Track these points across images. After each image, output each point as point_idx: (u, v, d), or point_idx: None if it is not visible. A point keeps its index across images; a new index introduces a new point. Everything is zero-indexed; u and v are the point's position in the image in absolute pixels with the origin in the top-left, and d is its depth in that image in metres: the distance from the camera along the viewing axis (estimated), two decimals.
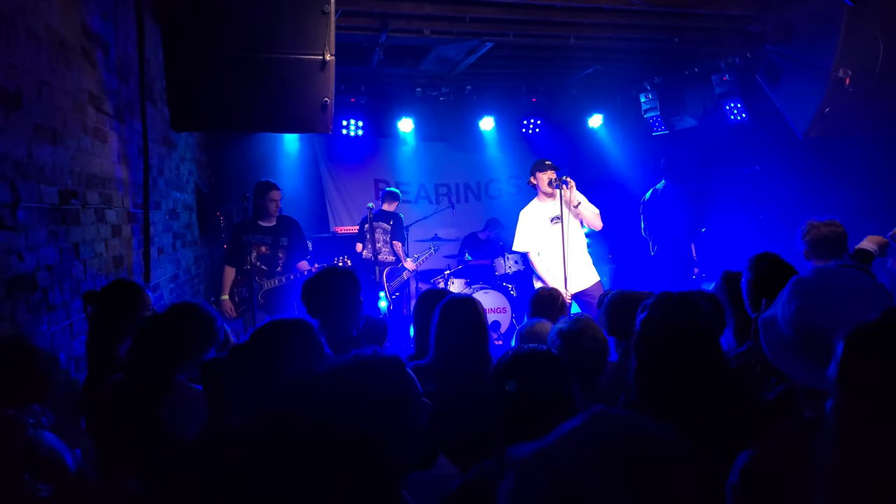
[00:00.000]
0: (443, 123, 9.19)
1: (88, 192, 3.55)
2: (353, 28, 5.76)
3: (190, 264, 6.17)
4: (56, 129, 3.10)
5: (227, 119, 4.23)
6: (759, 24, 5.66)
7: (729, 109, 7.02)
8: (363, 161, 9.30)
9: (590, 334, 2.56)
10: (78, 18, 3.47)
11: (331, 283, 2.73)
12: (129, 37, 4.43)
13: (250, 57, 3.88)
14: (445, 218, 8.75)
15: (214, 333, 2.52)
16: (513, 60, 7.55)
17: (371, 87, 8.38)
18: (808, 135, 5.08)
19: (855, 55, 4.64)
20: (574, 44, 6.44)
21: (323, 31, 3.91)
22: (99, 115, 3.76)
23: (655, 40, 6.54)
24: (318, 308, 2.86)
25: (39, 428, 1.62)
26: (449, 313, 2.59)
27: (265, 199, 5.71)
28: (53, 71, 3.09)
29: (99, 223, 3.72)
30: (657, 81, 7.96)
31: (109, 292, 2.88)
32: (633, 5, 5.32)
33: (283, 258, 5.75)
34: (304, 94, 4.07)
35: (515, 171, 9.85)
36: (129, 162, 4.37)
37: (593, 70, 7.90)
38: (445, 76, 8.02)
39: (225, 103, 4.04)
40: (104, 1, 3.91)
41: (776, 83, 5.30)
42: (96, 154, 3.70)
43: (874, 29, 4.51)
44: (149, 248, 4.53)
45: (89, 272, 3.51)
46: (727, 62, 6.75)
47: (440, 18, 5.78)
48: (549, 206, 5.62)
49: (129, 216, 4.35)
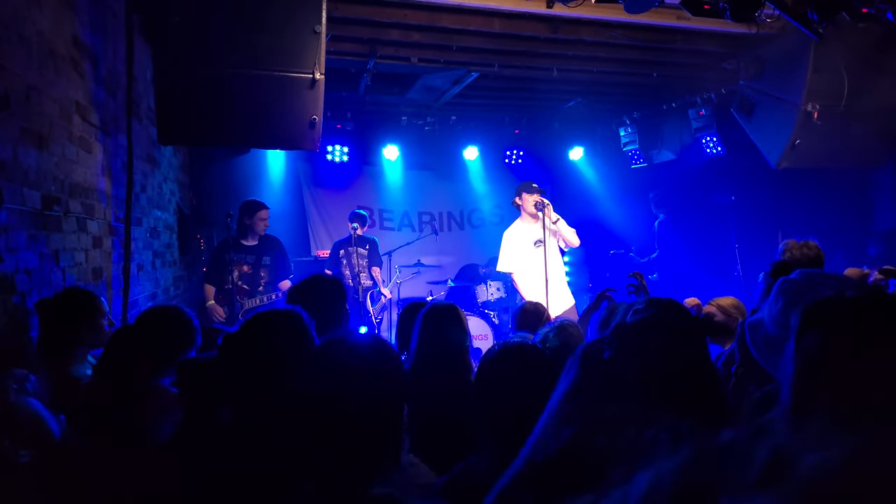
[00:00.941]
0: (428, 152, 9.31)
1: (71, 200, 3.54)
2: (342, 53, 5.86)
3: (169, 284, 6.12)
4: (42, 134, 3.11)
5: (215, 134, 4.27)
6: (734, 60, 5.87)
7: (705, 143, 7.22)
8: (347, 187, 9.35)
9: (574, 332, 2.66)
10: (69, 29, 3.51)
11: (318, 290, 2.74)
12: (118, 53, 4.48)
13: (240, 73, 3.95)
14: (428, 245, 8.80)
15: (193, 335, 2.52)
16: (497, 91, 7.71)
17: (357, 114, 8.49)
18: (780, 165, 5.24)
19: (822, 90, 4.84)
20: (557, 76, 6.61)
21: (313, 49, 4.00)
22: (85, 125, 3.78)
23: (635, 74, 6.73)
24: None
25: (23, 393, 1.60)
26: (432, 315, 2.63)
27: (254, 218, 5.73)
28: (42, 77, 3.12)
29: (80, 232, 3.70)
30: (636, 115, 8.17)
31: (63, 299, 2.85)
32: (614, 39, 5.50)
33: (266, 277, 5.73)
34: (292, 111, 4.13)
35: (498, 201, 9.97)
36: (113, 175, 4.37)
37: (575, 103, 8.09)
38: (431, 105, 8.15)
39: (213, 118, 4.08)
40: (95, 15, 3.95)
41: (749, 116, 5.48)
42: (81, 163, 3.70)
43: (839, 66, 4.72)
44: (129, 262, 4.50)
45: (68, 280, 3.48)
46: (703, 97, 6.97)
47: (428, 47, 5.91)
48: (533, 228, 5.69)
49: (111, 229, 4.33)
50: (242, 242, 5.75)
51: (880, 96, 5.05)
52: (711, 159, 7.40)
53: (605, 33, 5.47)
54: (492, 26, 5.36)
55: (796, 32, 4.35)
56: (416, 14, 5.15)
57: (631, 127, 8.24)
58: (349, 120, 8.36)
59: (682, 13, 4.57)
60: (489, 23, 5.34)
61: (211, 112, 4.04)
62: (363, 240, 7.40)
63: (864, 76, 4.90)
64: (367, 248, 7.34)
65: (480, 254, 9.47)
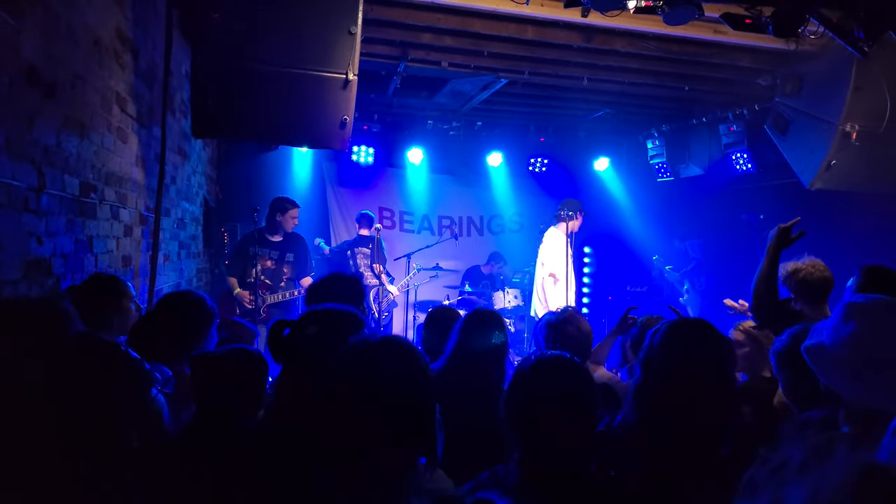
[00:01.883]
0: (451, 157, 9.31)
1: (107, 188, 3.59)
2: (373, 55, 5.89)
3: (192, 275, 6.17)
4: (84, 122, 3.16)
5: (248, 129, 4.30)
6: (770, 76, 5.81)
7: (735, 159, 7.15)
8: (370, 188, 9.39)
9: (574, 324, 2.86)
10: (114, 21, 3.56)
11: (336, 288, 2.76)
12: (157, 47, 4.54)
13: (275, 70, 3.97)
14: (448, 249, 8.80)
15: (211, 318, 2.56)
16: (524, 98, 7.70)
17: (384, 116, 8.53)
18: (813, 186, 5.17)
19: (862, 110, 4.76)
20: (587, 85, 6.59)
21: (348, 50, 4.02)
22: (123, 115, 3.83)
23: (666, 87, 6.69)
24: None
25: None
26: (475, 320, 2.65)
27: (286, 215, 5.78)
28: (87, 67, 3.16)
29: (113, 220, 3.75)
30: (665, 128, 8.11)
31: (90, 284, 2.87)
32: (647, 50, 5.47)
33: (288, 273, 5.76)
34: (324, 111, 4.15)
35: (519, 209, 9.96)
36: (146, 166, 4.42)
37: (603, 113, 8.06)
38: (458, 110, 8.16)
39: (246, 113, 4.11)
40: (138, 9, 4.01)
41: (784, 134, 5.42)
42: (117, 153, 3.75)
43: (882, 87, 4.64)
44: (157, 252, 4.56)
45: (100, 266, 3.52)
46: (735, 112, 6.90)
47: (459, 52, 5.92)
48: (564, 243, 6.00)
49: (141, 219, 4.38)
50: (268, 238, 5.79)
51: None
52: (740, 176, 7.32)
53: (639, 44, 5.44)
54: (525, 33, 5.35)
55: (837, 50, 4.29)
56: (449, 18, 5.15)
57: (659, 140, 8.19)
58: (376, 122, 8.40)
59: (720, 27, 4.54)
60: (522, 30, 5.33)
61: (244, 107, 4.07)
62: (365, 239, 7.46)
63: None
64: (369, 248, 7.37)
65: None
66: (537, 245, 9.53)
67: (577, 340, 2.83)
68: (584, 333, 2.91)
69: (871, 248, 6.61)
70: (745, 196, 7.65)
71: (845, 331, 1.50)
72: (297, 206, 5.86)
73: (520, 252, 9.68)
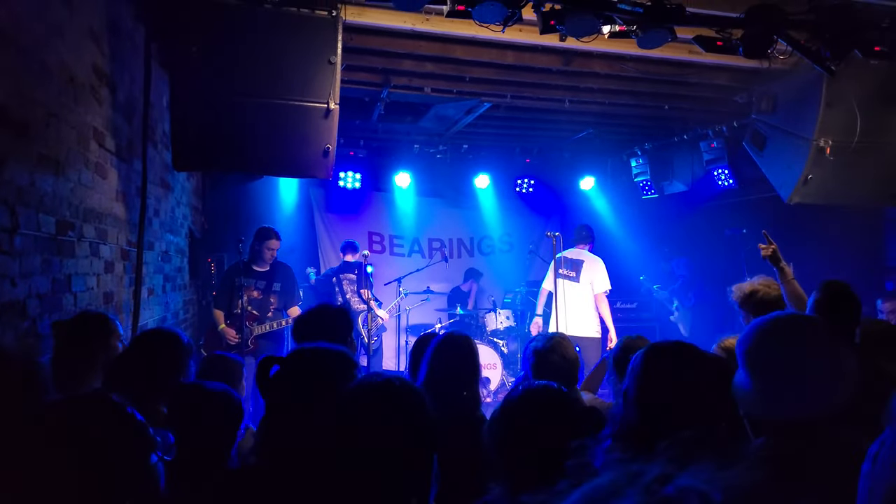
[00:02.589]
0: (439, 180, 9.35)
1: (85, 225, 3.57)
2: (356, 83, 5.94)
3: (178, 308, 6.13)
4: (59, 160, 3.15)
5: (229, 160, 4.30)
6: (746, 94, 5.89)
7: (717, 175, 7.21)
8: (358, 213, 9.41)
9: (559, 352, 2.85)
10: (89, 57, 3.57)
11: (324, 320, 2.75)
12: (136, 80, 4.55)
13: (255, 101, 4.00)
14: (438, 272, 8.80)
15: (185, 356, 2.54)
16: (509, 121, 7.76)
17: (370, 141, 8.57)
18: (791, 200, 5.22)
19: (834, 126, 4.84)
20: (569, 107, 6.66)
21: (329, 80, 4.05)
22: (101, 151, 3.82)
23: (646, 106, 6.76)
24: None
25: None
26: (443, 344, 2.66)
27: (263, 245, 5.74)
28: (62, 104, 3.16)
29: (93, 257, 3.73)
30: (647, 147, 8.19)
31: (77, 321, 2.87)
32: (626, 71, 5.53)
33: (276, 304, 5.73)
34: (306, 140, 4.17)
35: (508, 229, 9.99)
36: (127, 200, 4.41)
37: (586, 133, 8.12)
38: (444, 134, 8.21)
39: (227, 145, 4.12)
40: (115, 43, 4.03)
41: (762, 151, 5.48)
42: (96, 189, 3.74)
43: (851, 102, 4.72)
44: (140, 287, 4.52)
45: (79, 305, 3.49)
46: (715, 130, 6.98)
47: (441, 77, 5.97)
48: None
49: (123, 254, 4.36)
50: (254, 268, 5.76)
51: (892, 133, 5.03)
52: (723, 191, 7.39)
53: (618, 66, 5.51)
54: (504, 58, 5.41)
55: (809, 68, 4.36)
56: (429, 45, 5.20)
57: (642, 158, 8.26)
58: (362, 147, 8.44)
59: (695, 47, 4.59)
60: (502, 55, 5.39)
61: (225, 139, 4.08)
62: (350, 266, 7.46)
63: (876, 113, 4.89)
64: (354, 273, 7.36)
65: (490, 281, 9.47)
66: (527, 265, 9.60)
67: (562, 368, 2.84)
68: (570, 361, 2.90)
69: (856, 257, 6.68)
70: (728, 211, 7.72)
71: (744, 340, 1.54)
72: (276, 238, 5.82)
73: (511, 272, 9.70)
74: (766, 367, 1.51)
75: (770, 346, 1.52)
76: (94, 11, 3.70)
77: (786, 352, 1.50)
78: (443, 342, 2.73)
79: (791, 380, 1.47)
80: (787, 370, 1.47)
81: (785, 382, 1.47)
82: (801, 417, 1.43)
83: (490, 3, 3.31)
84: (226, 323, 5.66)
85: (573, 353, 2.94)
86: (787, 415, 1.46)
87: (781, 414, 1.47)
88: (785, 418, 1.46)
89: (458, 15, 3.46)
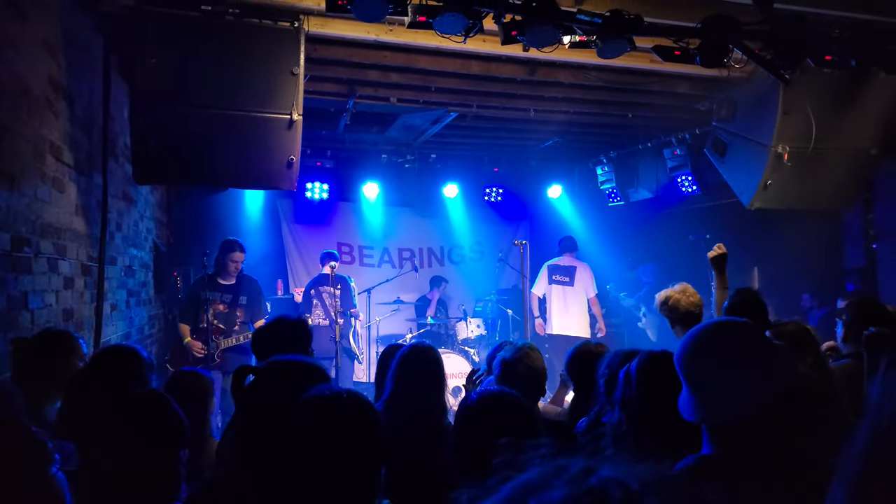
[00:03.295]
0: (408, 189, 9.34)
1: (42, 241, 3.49)
2: (321, 93, 5.92)
3: (143, 323, 6.02)
4: (13, 175, 3.08)
5: (192, 173, 4.26)
6: (707, 101, 6.01)
7: (680, 182, 7.34)
8: (327, 224, 9.34)
9: (526, 362, 2.87)
10: (45, 69, 3.50)
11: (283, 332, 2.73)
12: (95, 91, 4.48)
13: (217, 113, 3.96)
14: (408, 282, 8.79)
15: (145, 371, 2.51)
16: (476, 130, 7.81)
17: (337, 152, 8.54)
18: (752, 206, 5.34)
19: (791, 133, 4.98)
20: (535, 116, 6.72)
21: (292, 91, 4.03)
22: (59, 165, 3.75)
23: (611, 115, 6.86)
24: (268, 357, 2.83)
25: (61, 470, 1.57)
26: (407, 357, 2.64)
27: (227, 258, 5.68)
28: (16, 118, 3.10)
29: (51, 273, 3.64)
30: (613, 155, 8.30)
31: (38, 339, 2.81)
32: (589, 80, 5.61)
33: (242, 317, 5.66)
34: (270, 152, 4.14)
35: (478, 238, 10.02)
36: (87, 214, 4.33)
37: (553, 142, 8.20)
38: (411, 143, 8.22)
39: (190, 158, 4.08)
40: (72, 55, 3.96)
41: (722, 157, 5.60)
42: (53, 204, 3.66)
43: (807, 109, 4.85)
44: (101, 302, 4.44)
45: (37, 323, 3.40)
46: (678, 137, 7.11)
47: (407, 87, 5.99)
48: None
49: (84, 269, 4.27)
50: (219, 281, 5.69)
51: (846, 139, 5.19)
52: (687, 198, 7.52)
53: (581, 75, 5.58)
54: (469, 68, 5.44)
55: (766, 76, 4.48)
56: (395, 56, 5.21)
57: (608, 166, 8.37)
58: (329, 158, 8.40)
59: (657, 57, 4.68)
60: (467, 65, 5.42)
61: (187, 152, 4.04)
62: (335, 279, 7.24)
63: (830, 119, 5.04)
64: (338, 288, 7.18)
65: (461, 290, 9.48)
66: (498, 273, 9.64)
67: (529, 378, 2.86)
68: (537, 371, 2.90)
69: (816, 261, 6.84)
70: (692, 217, 7.86)
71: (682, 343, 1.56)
72: (240, 250, 5.75)
73: (481, 280, 9.72)
74: (700, 374, 1.53)
75: (701, 353, 1.54)
76: (50, 23, 3.63)
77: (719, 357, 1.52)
78: (408, 354, 2.72)
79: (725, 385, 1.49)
80: (719, 376, 1.50)
81: (719, 388, 1.49)
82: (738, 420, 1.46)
83: (451, 14, 3.34)
84: (191, 337, 5.58)
85: (540, 364, 2.96)
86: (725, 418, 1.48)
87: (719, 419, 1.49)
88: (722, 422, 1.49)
89: (420, 26, 3.48)
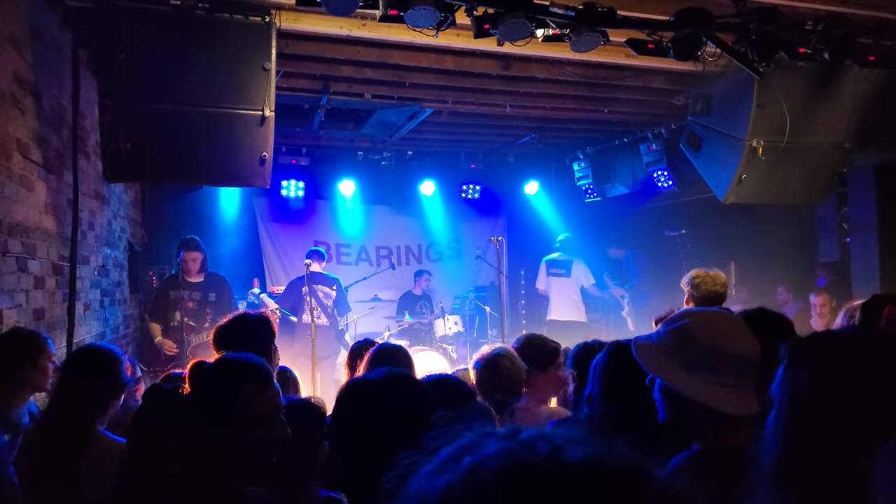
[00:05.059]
0: (384, 187, 9.30)
1: (10, 240, 3.42)
2: (295, 89, 5.86)
3: (118, 323, 5.94)
4: None
5: (163, 171, 4.20)
6: (682, 96, 6.06)
7: (657, 177, 7.39)
8: (303, 222, 9.27)
9: (505, 364, 2.90)
10: (10, 65, 3.43)
11: (244, 329, 2.71)
12: (64, 88, 4.40)
13: (188, 110, 3.91)
14: (387, 279, 8.76)
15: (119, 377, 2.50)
16: (452, 127, 7.79)
17: (312, 149, 8.47)
18: (727, 200, 5.38)
19: (766, 126, 5.01)
20: (510, 112, 6.73)
21: (263, 86, 3.99)
22: (27, 162, 3.67)
23: (586, 110, 6.89)
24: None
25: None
26: (376, 358, 2.62)
27: (182, 258, 5.71)
28: None
29: (20, 273, 3.57)
30: (589, 150, 8.34)
31: (5, 339, 2.78)
32: (565, 75, 5.63)
33: (212, 314, 5.65)
34: (242, 148, 4.09)
35: (456, 235, 10.01)
36: (58, 213, 4.25)
37: (529, 138, 8.22)
38: (387, 140, 8.19)
39: (161, 155, 4.02)
40: (39, 50, 3.88)
41: (698, 152, 5.63)
42: (21, 202, 3.59)
43: (781, 103, 4.90)
44: (74, 302, 4.37)
45: (6, 323, 3.34)
46: (654, 132, 7.16)
47: (381, 83, 5.95)
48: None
49: (55, 269, 4.20)
50: (187, 279, 5.67)
51: (820, 133, 5.24)
52: (663, 193, 7.58)
53: (556, 70, 5.59)
54: (444, 64, 5.43)
55: (739, 70, 4.52)
56: (368, 51, 5.18)
57: (584, 162, 8.41)
58: (304, 155, 8.33)
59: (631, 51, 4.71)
60: (441, 60, 5.41)
61: (158, 149, 3.98)
62: (328, 279, 7.14)
63: (804, 113, 5.08)
64: (333, 289, 7.08)
65: (439, 287, 9.46)
66: (476, 270, 9.65)
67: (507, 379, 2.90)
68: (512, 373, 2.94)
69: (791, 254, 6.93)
70: (668, 211, 7.92)
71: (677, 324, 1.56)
72: (195, 249, 5.75)
73: (459, 277, 9.72)
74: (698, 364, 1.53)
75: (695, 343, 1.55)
76: (15, 18, 3.55)
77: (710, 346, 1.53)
78: (377, 354, 2.70)
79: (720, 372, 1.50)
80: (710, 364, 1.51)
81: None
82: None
83: (422, 7, 3.32)
84: (162, 335, 5.56)
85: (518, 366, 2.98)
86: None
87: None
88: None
89: (391, 20, 3.46)
